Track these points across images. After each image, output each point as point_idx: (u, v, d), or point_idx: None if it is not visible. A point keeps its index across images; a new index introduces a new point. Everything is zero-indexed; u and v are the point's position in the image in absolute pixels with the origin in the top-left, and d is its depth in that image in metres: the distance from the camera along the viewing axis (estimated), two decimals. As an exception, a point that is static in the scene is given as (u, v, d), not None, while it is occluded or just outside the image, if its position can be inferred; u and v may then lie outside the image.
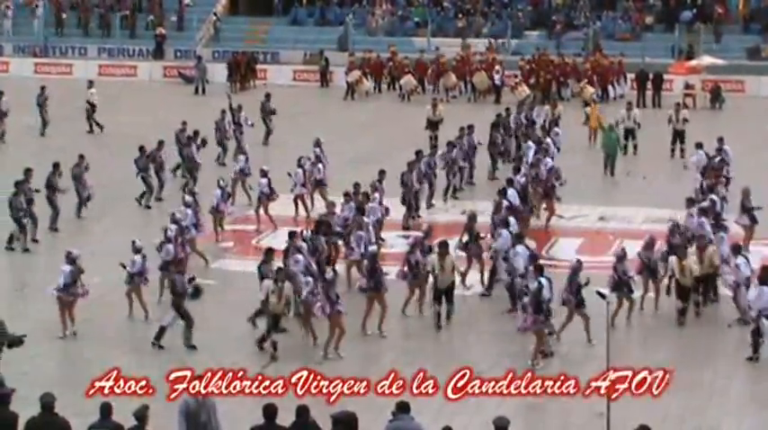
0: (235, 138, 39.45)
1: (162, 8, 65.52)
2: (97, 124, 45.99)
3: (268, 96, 43.86)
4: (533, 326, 22.26)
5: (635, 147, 41.03)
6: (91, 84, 46.91)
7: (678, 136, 40.70)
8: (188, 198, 28.91)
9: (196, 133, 36.48)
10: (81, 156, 33.15)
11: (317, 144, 34.56)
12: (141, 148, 34.53)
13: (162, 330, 23.35)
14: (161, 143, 34.86)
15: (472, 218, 27.42)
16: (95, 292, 26.85)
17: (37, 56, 63.20)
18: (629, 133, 41.09)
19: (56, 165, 31.99)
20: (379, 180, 30.47)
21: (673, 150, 40.73)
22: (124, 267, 24.87)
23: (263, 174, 31.68)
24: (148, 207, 34.01)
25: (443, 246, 24.90)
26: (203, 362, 22.08)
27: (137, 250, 25.13)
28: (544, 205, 32.19)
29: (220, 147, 39.48)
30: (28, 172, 30.73)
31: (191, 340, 23.28)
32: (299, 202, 32.71)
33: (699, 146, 34.49)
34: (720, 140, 34.43)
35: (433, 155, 34.74)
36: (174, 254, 25.63)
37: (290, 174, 32.26)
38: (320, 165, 33.41)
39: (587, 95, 50.37)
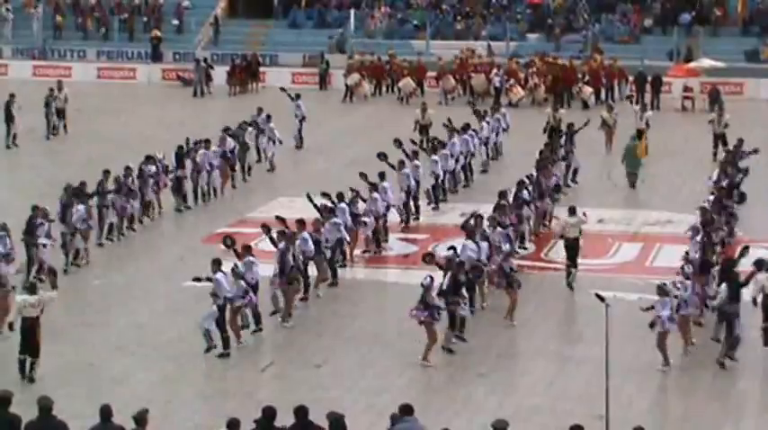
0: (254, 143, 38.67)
1: (161, 11, 65.47)
2: None
3: (298, 96, 43.41)
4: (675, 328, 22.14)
5: (645, 148, 40.76)
6: None
7: (719, 139, 40.47)
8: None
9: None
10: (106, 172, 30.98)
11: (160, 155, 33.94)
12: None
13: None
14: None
15: None
16: (95, 296, 26.94)
17: (36, 59, 63.16)
18: (639, 134, 40.74)
19: (106, 172, 30.72)
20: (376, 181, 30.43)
21: (715, 154, 40.28)
22: None
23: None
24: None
25: None
26: (200, 364, 22.12)
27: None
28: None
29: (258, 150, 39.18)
30: (106, 173, 30.41)
31: None
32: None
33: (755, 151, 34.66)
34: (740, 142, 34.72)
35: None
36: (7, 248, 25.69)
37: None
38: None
39: (585, 95, 50.49)
